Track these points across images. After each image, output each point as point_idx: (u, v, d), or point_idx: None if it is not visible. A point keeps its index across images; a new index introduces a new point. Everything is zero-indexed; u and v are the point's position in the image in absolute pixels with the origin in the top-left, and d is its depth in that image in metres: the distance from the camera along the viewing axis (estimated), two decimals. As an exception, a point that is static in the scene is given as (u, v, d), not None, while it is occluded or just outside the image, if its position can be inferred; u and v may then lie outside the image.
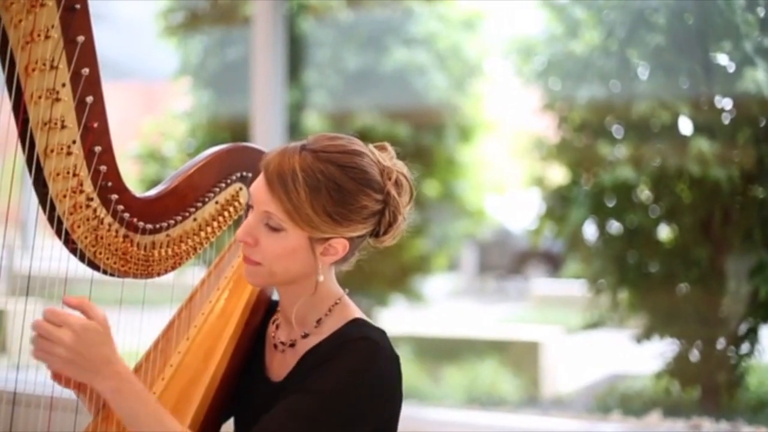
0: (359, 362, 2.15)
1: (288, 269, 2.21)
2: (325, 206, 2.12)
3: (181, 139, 8.55)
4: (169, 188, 2.42)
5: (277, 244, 2.17)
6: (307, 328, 2.28)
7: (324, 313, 2.27)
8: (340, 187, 2.13)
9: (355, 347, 2.17)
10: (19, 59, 2.10)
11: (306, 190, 2.11)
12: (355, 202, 2.15)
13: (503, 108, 8.41)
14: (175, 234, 2.45)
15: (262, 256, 2.20)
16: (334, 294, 2.30)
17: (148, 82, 11.00)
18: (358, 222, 2.17)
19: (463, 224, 8.48)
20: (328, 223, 2.14)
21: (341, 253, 2.21)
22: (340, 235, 2.17)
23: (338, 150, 2.17)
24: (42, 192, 2.23)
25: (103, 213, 2.30)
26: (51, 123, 2.16)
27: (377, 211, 2.20)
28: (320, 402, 2.11)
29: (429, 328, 8.72)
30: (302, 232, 2.15)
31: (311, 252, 2.19)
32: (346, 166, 2.15)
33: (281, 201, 2.13)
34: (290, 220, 2.14)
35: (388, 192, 2.21)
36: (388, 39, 7.84)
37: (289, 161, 2.14)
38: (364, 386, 2.13)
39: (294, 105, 7.51)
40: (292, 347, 2.31)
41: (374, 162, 2.21)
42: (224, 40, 8.30)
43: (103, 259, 2.35)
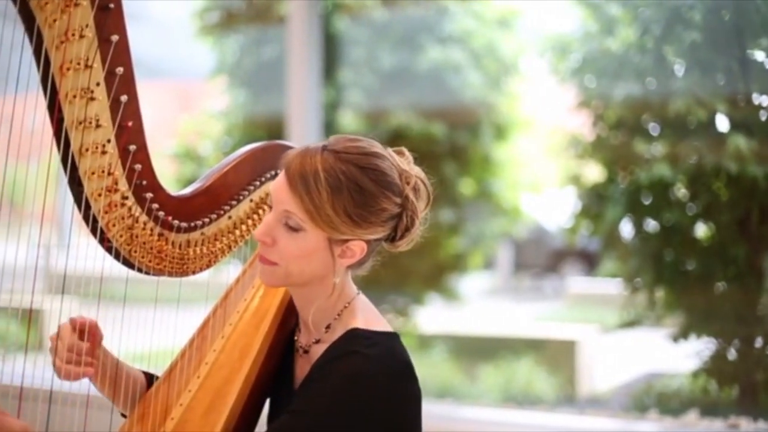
0: (339, 383, 2.11)
1: (304, 270, 2.20)
2: (346, 207, 2.11)
3: (217, 138, 8.57)
4: (203, 186, 2.42)
5: (296, 245, 2.17)
6: (319, 334, 2.28)
7: (333, 318, 2.26)
8: (361, 189, 2.12)
9: (341, 366, 2.13)
10: (54, 58, 2.11)
11: (328, 190, 2.10)
12: (376, 204, 2.14)
13: (539, 106, 8.39)
14: (210, 232, 2.45)
15: (279, 256, 2.19)
16: (346, 297, 2.28)
17: (184, 82, 11.03)
18: (377, 224, 2.16)
19: (499, 223, 8.45)
20: (348, 225, 2.13)
21: (358, 256, 2.19)
22: (359, 237, 2.16)
23: (360, 152, 2.16)
24: (77, 191, 2.24)
25: (138, 211, 2.31)
26: (86, 122, 2.17)
27: (396, 214, 2.19)
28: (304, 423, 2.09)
29: (465, 327, 8.71)
30: (321, 233, 2.14)
31: (329, 253, 2.18)
32: (367, 167, 2.14)
33: (302, 200, 2.12)
34: (310, 220, 2.13)
35: (407, 196, 2.19)
36: (423, 37, 7.83)
37: (311, 161, 2.13)
38: (343, 413, 2.09)
39: (329, 104, 7.51)
40: (306, 353, 2.31)
41: (394, 165, 2.20)
42: (260, 39, 8.31)
43: (138, 257, 2.35)
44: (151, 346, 2.60)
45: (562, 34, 6.45)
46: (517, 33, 8.20)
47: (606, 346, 7.91)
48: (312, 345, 2.28)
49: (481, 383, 7.26)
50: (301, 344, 2.34)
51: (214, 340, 2.47)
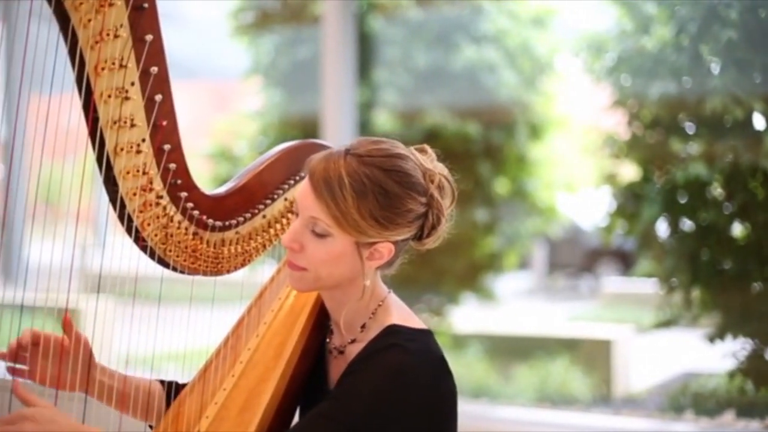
0: (382, 375, 2.11)
1: (333, 274, 2.20)
2: (372, 211, 2.11)
3: (252, 138, 8.59)
4: (238, 185, 2.42)
5: (324, 250, 2.16)
6: (354, 334, 2.28)
7: (368, 317, 2.26)
8: (386, 192, 2.12)
9: (381, 359, 2.14)
10: (89, 58, 2.12)
11: (353, 195, 2.10)
12: (401, 206, 2.14)
13: (574, 105, 8.36)
14: (245, 231, 2.45)
15: (307, 261, 2.19)
16: (378, 296, 2.28)
17: (219, 82, 11.07)
18: (404, 226, 2.16)
19: (534, 222, 8.44)
20: (375, 228, 2.12)
21: (387, 257, 2.19)
22: (386, 239, 2.16)
23: (383, 154, 2.16)
24: (112, 190, 2.25)
25: (172, 210, 2.31)
26: (120, 121, 2.18)
27: (421, 214, 2.18)
28: (339, 411, 2.10)
29: (500, 327, 8.70)
30: (349, 237, 2.14)
31: (358, 257, 2.17)
32: (391, 170, 2.14)
33: (328, 206, 2.12)
34: (337, 226, 2.12)
35: (432, 195, 2.19)
36: (457, 37, 7.82)
37: (335, 166, 2.13)
38: (384, 404, 2.09)
39: (364, 103, 7.51)
40: (341, 354, 2.30)
41: (417, 165, 2.20)
42: (295, 39, 8.33)
43: (173, 256, 2.36)
44: (186, 345, 2.61)
45: (597, 33, 6.43)
46: (552, 32, 8.17)
47: (641, 346, 7.88)
48: (347, 345, 2.28)
49: (516, 383, 7.24)
50: (335, 346, 2.34)
51: (248, 339, 2.47)
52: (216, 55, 9.81)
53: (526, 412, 6.16)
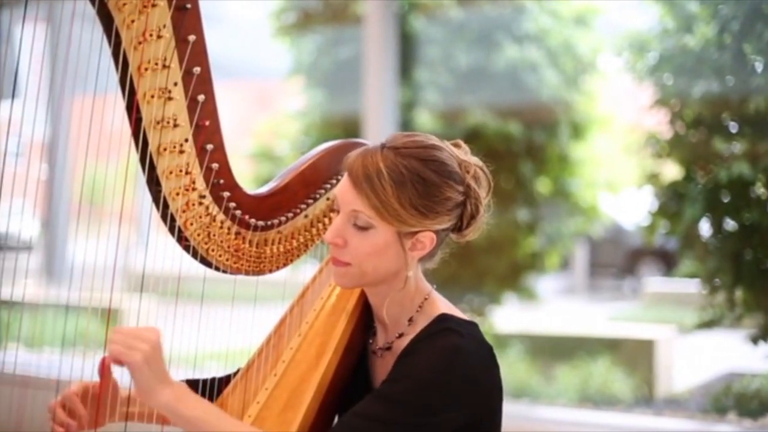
0: (441, 355, 2.13)
1: (377, 267, 2.21)
2: (411, 199, 2.13)
3: (294, 138, 8.61)
4: (280, 185, 2.43)
5: (367, 243, 2.18)
6: (401, 329, 2.28)
7: (415, 311, 2.27)
8: (424, 180, 2.14)
9: (435, 342, 2.16)
10: (132, 59, 2.13)
11: (392, 185, 2.12)
12: (440, 194, 2.16)
13: (616, 104, 8.32)
14: (287, 231, 2.46)
15: (351, 256, 2.20)
16: (423, 290, 2.29)
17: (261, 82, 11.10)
18: (444, 213, 2.17)
19: (576, 222, 8.40)
20: (416, 217, 2.14)
21: (429, 247, 2.20)
22: (427, 228, 2.17)
23: (418, 145, 2.19)
24: (155, 190, 2.26)
25: (215, 210, 2.32)
26: (163, 121, 2.19)
27: (460, 202, 2.20)
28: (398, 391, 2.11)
29: (541, 327, 8.67)
30: (390, 228, 2.16)
31: (400, 247, 2.19)
32: (427, 159, 2.16)
33: (368, 198, 2.14)
34: (378, 217, 2.14)
35: (468, 184, 2.21)
36: (499, 36, 7.80)
37: (372, 160, 2.16)
38: (442, 380, 2.11)
39: (405, 103, 7.52)
40: (389, 350, 2.31)
41: (452, 155, 2.22)
42: (336, 39, 8.34)
43: (216, 256, 2.37)
44: (228, 345, 2.62)
45: (639, 32, 6.40)
46: (594, 31, 8.14)
47: (684, 346, 7.83)
48: (395, 340, 2.29)
49: (558, 383, 7.22)
50: (379, 346, 2.34)
51: (290, 339, 2.48)
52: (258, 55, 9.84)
53: (567, 413, 6.14)
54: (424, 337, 2.19)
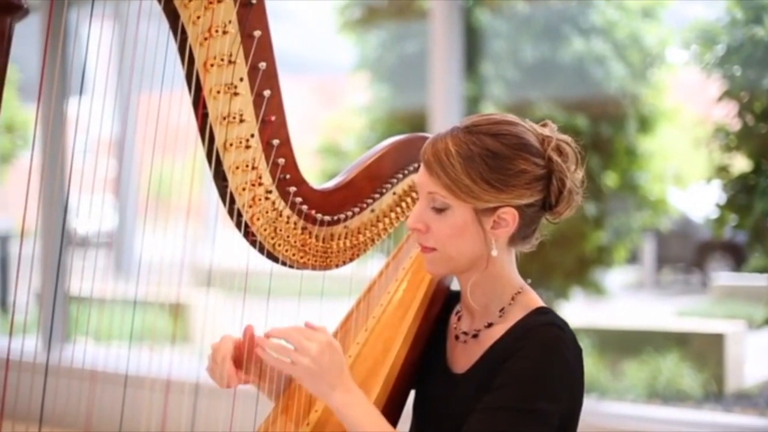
0: (546, 348, 2.13)
1: (462, 250, 2.20)
2: (481, 173, 2.11)
3: (360, 133, 8.62)
4: (346, 180, 2.43)
5: (447, 224, 2.18)
6: (490, 318, 2.27)
7: (507, 303, 2.25)
8: (494, 154, 2.12)
9: (542, 333, 2.15)
10: (198, 55, 2.14)
11: (460, 161, 2.12)
12: (513, 167, 2.13)
13: (684, 97, 8.24)
14: (353, 225, 2.46)
15: (435, 240, 2.20)
16: (516, 283, 2.28)
17: (327, 77, 11.12)
18: (521, 187, 2.14)
19: (644, 216, 8.34)
20: (489, 191, 2.12)
21: (512, 225, 2.17)
22: (506, 203, 2.15)
23: (489, 122, 2.18)
24: (222, 185, 2.27)
25: (281, 205, 2.33)
26: (230, 117, 2.20)
27: (540, 176, 2.16)
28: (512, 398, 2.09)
29: (609, 322, 8.61)
30: (466, 206, 2.15)
31: (480, 226, 2.17)
32: (498, 134, 2.15)
33: (440, 178, 2.14)
34: (451, 195, 2.14)
35: (549, 157, 2.17)
36: (565, 29, 7.76)
37: (443, 142, 2.17)
38: (551, 375, 2.11)
39: (471, 97, 7.49)
40: (475, 338, 2.29)
41: (529, 130, 2.20)
42: (402, 34, 8.34)
43: (282, 251, 2.37)
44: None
45: (707, 23, 6.33)
46: (661, 23, 8.07)
47: (754, 341, 7.74)
48: (482, 330, 2.27)
49: (626, 379, 7.17)
50: (463, 330, 2.33)
51: (357, 333, 2.48)
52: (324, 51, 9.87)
53: (635, 409, 6.09)
54: (523, 330, 2.18)
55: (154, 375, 2.66)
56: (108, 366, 2.77)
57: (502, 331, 2.22)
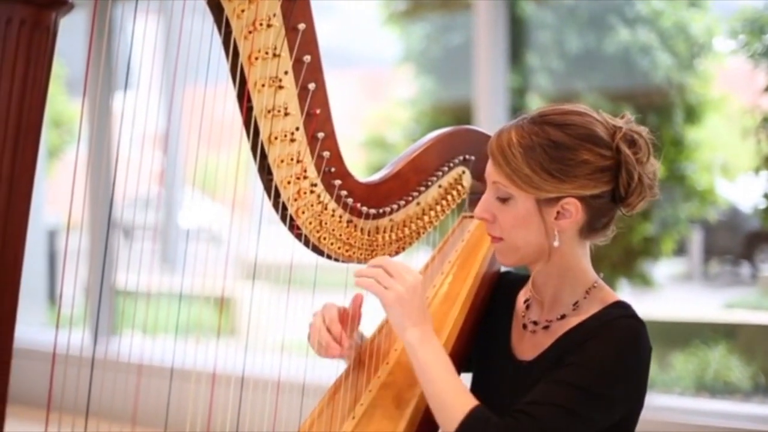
0: (624, 340, 2.14)
1: (528, 240, 2.19)
2: (541, 163, 2.10)
3: (405, 126, 8.61)
4: (392, 173, 2.42)
5: (510, 214, 2.17)
6: (562, 310, 2.26)
7: (581, 296, 2.25)
8: (556, 143, 2.11)
9: (623, 324, 2.16)
10: (243, 48, 2.14)
11: (520, 150, 2.12)
12: (575, 157, 2.11)
13: (731, 86, 8.18)
14: (399, 218, 2.45)
15: (500, 230, 2.21)
16: (590, 277, 2.27)
17: (371, 70, 11.12)
18: (583, 178, 2.12)
19: (691, 207, 8.28)
20: (549, 181, 2.11)
21: (576, 216, 2.16)
22: (568, 194, 2.13)
23: (556, 112, 2.17)
24: (267, 179, 2.27)
25: (326, 198, 2.32)
26: (274, 110, 2.20)
27: (606, 167, 2.13)
28: (584, 377, 2.09)
29: (657, 314, 8.56)
30: (528, 196, 2.14)
31: (542, 216, 2.16)
32: (563, 124, 2.14)
33: (501, 168, 2.14)
34: (513, 185, 2.14)
35: (618, 148, 2.14)
36: (610, 19, 7.72)
37: (507, 132, 2.17)
38: (626, 366, 2.13)
39: (516, 89, 7.47)
40: (545, 329, 2.28)
41: (598, 121, 2.18)
42: (446, 25, 8.33)
43: (327, 244, 2.37)
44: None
45: (755, 12, 6.28)
46: (708, 12, 8.01)
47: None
48: (554, 321, 2.26)
49: (674, 371, 7.13)
50: (532, 319, 2.32)
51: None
52: (369, 43, 9.87)
53: (683, 401, 6.05)
54: (601, 322, 2.18)
55: (200, 368, 2.66)
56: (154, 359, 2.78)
57: (575, 323, 2.22)
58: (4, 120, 1.68)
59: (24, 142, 1.70)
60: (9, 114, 1.68)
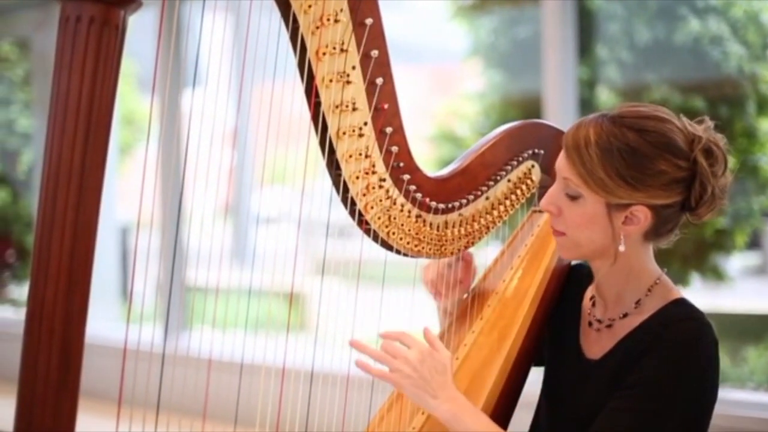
0: (686, 344, 2.10)
1: (591, 239, 2.17)
2: (618, 169, 2.07)
3: (474, 120, 8.60)
4: (460, 167, 2.41)
5: (577, 212, 2.15)
6: (625, 309, 2.24)
7: (644, 294, 2.22)
8: (634, 150, 2.08)
9: (681, 327, 2.13)
10: (310, 44, 2.15)
11: (597, 152, 2.08)
12: (652, 166, 2.08)
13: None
14: (468, 213, 2.45)
15: (565, 225, 2.19)
16: (653, 273, 2.24)
17: (439, 64, 11.11)
18: (657, 188, 2.09)
19: (764, 199, 8.19)
20: (623, 188, 2.08)
21: (644, 223, 2.14)
22: (639, 202, 2.11)
23: (637, 115, 2.13)
24: (335, 174, 2.27)
25: (395, 193, 2.32)
26: (342, 105, 2.20)
27: (681, 178, 2.10)
28: (644, 399, 2.08)
29: (729, 307, 8.48)
30: (599, 198, 2.12)
31: (610, 220, 2.14)
32: (643, 129, 2.10)
33: (575, 166, 2.11)
34: (585, 185, 2.11)
35: (695, 160, 2.11)
36: (681, 10, 7.65)
37: (585, 129, 2.13)
38: (690, 369, 2.09)
39: (585, 81, 7.43)
40: (609, 327, 2.26)
41: (679, 129, 2.13)
42: (514, 18, 8.30)
43: (396, 239, 2.37)
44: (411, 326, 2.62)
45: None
46: (780, 1, 7.92)
47: None
48: (617, 320, 2.24)
49: (747, 365, 7.06)
50: (596, 317, 2.31)
51: (473, 322, 2.47)
52: (436, 38, 9.86)
53: (757, 396, 5.98)
54: (663, 323, 2.15)
55: (270, 363, 2.67)
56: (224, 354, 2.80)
57: (637, 323, 2.20)
58: (75, 116, 1.69)
59: (94, 138, 1.71)
60: (79, 110, 1.70)
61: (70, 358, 1.72)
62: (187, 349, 5.76)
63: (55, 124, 1.71)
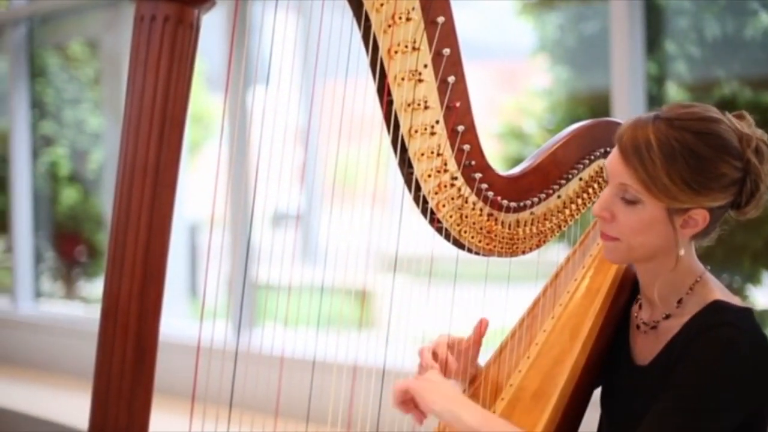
0: (718, 353, 2.05)
1: (646, 244, 2.15)
2: (682, 174, 2.04)
3: (541, 116, 8.58)
4: (532, 165, 2.41)
5: (635, 218, 2.12)
6: (668, 309, 2.21)
7: (685, 292, 2.19)
8: (697, 155, 2.05)
9: (713, 336, 2.07)
10: (382, 42, 2.16)
11: (661, 158, 2.05)
12: (714, 170, 2.06)
13: None
14: (539, 212, 2.44)
15: (619, 230, 2.15)
16: (695, 271, 2.21)
17: (507, 61, 11.09)
18: (718, 191, 2.08)
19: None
20: (687, 193, 2.06)
21: (701, 225, 2.12)
22: (700, 205, 2.09)
23: (693, 117, 2.10)
24: (407, 172, 2.28)
25: (467, 192, 2.32)
26: (414, 104, 2.21)
27: (737, 179, 2.09)
28: (683, 401, 2.05)
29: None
30: (659, 204, 2.09)
31: (670, 224, 2.11)
32: (701, 132, 2.07)
33: (636, 171, 2.07)
34: (646, 191, 2.08)
35: (748, 159, 2.09)
36: (751, 4, 7.58)
37: (643, 131, 2.09)
38: (725, 377, 2.04)
39: (653, 77, 7.38)
40: (654, 329, 2.25)
41: (731, 129, 2.11)
42: (581, 14, 8.26)
43: (468, 237, 2.37)
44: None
45: None
46: None
47: None
48: (661, 321, 2.23)
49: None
50: (643, 320, 2.28)
51: (544, 321, 2.46)
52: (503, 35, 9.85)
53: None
54: (697, 331, 2.11)
55: (341, 360, 2.68)
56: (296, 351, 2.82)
57: (679, 326, 2.17)
58: (149, 113, 1.72)
59: (169, 136, 1.73)
60: (154, 108, 1.72)
61: (145, 354, 1.74)
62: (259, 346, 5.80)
63: (129, 122, 1.73)
